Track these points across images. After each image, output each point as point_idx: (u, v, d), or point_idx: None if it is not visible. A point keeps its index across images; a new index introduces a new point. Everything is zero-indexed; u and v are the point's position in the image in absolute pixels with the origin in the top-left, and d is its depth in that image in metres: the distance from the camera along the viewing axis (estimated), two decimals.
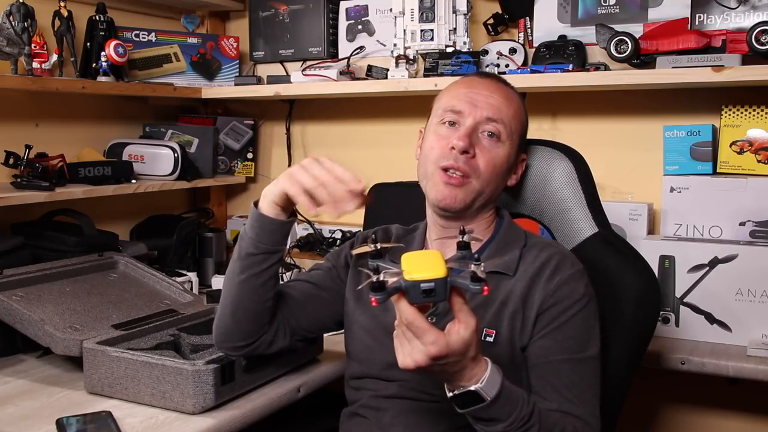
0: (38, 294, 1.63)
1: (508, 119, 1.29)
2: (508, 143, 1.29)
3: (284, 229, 1.25)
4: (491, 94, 1.30)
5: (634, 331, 1.35)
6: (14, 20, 1.82)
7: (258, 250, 1.25)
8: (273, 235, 1.24)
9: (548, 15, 2.04)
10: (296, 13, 2.38)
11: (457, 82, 1.36)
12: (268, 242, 1.25)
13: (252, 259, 1.25)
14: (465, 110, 1.28)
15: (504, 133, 1.28)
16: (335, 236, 2.34)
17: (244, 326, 1.30)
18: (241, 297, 1.28)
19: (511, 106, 1.31)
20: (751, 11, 1.81)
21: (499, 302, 1.23)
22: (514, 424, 1.03)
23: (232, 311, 1.29)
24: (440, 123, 1.30)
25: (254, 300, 1.28)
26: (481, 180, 1.26)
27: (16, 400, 1.42)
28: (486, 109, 1.28)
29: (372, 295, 0.93)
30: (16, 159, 1.87)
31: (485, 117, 1.27)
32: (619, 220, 1.85)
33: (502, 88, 1.34)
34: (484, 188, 1.27)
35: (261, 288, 1.27)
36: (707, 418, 1.99)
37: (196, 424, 1.30)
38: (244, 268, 1.26)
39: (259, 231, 1.24)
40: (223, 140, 2.48)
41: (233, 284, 1.28)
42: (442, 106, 1.32)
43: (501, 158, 1.28)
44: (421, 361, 0.96)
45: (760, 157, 1.78)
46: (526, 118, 1.37)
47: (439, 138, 1.29)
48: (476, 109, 1.28)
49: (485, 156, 1.27)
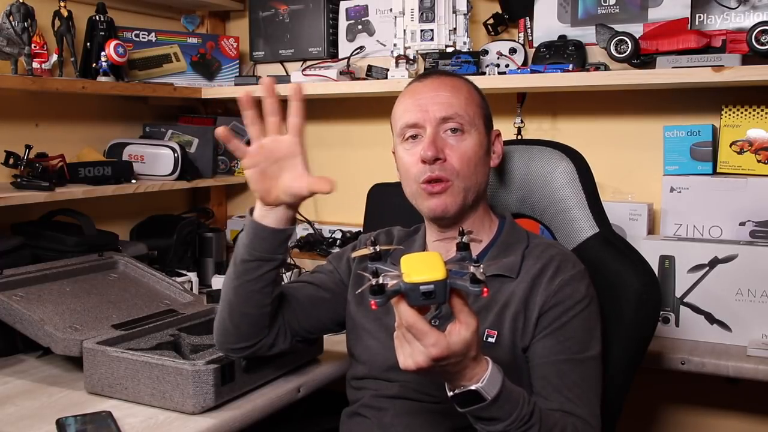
0: (38, 294, 1.63)
1: (462, 109, 1.27)
2: (473, 131, 1.27)
3: (277, 237, 1.23)
4: (436, 92, 1.28)
5: (634, 330, 1.35)
6: (14, 20, 1.82)
7: (251, 257, 1.23)
8: (265, 242, 1.22)
9: (548, 15, 2.04)
10: (296, 13, 2.38)
11: (402, 93, 1.34)
12: (261, 249, 1.23)
13: (246, 265, 1.24)
14: (419, 120, 1.27)
15: (465, 123, 1.26)
16: (335, 236, 2.34)
17: (242, 330, 1.30)
18: (238, 301, 1.27)
19: (460, 95, 1.29)
20: (751, 11, 1.81)
21: (501, 304, 1.23)
22: (515, 423, 1.03)
23: (229, 315, 1.29)
24: (404, 141, 1.30)
25: (251, 305, 1.27)
26: (461, 178, 1.26)
27: (16, 400, 1.42)
28: (437, 110, 1.26)
29: (371, 298, 0.93)
30: (16, 159, 1.87)
31: (440, 118, 1.26)
32: (619, 220, 1.85)
33: (445, 81, 1.31)
34: (468, 184, 1.27)
35: (257, 294, 1.26)
36: (707, 418, 1.99)
37: (196, 424, 1.30)
38: (240, 274, 1.25)
39: (253, 238, 1.23)
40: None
41: (230, 288, 1.27)
42: (398, 123, 1.31)
43: (472, 149, 1.27)
44: (423, 363, 0.96)
45: (760, 157, 1.78)
46: (482, 96, 1.34)
47: (408, 155, 1.28)
48: (428, 114, 1.26)
49: (456, 154, 1.26)
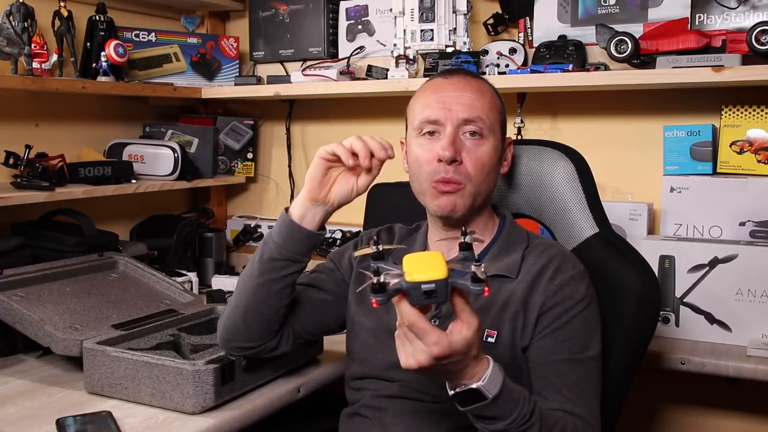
0: (38, 294, 1.63)
1: (485, 114, 1.26)
2: (491, 137, 1.26)
3: (311, 241, 1.24)
4: (462, 93, 1.26)
5: (634, 330, 1.35)
6: (14, 20, 1.82)
7: (282, 256, 1.24)
8: (299, 244, 1.23)
9: (548, 15, 2.04)
10: (296, 13, 2.38)
11: (424, 88, 1.32)
12: (293, 250, 1.24)
13: (273, 263, 1.24)
14: (440, 117, 1.25)
15: (485, 129, 1.25)
16: (335, 236, 2.34)
17: (253, 329, 1.30)
18: (255, 300, 1.27)
19: (484, 99, 1.27)
20: (751, 11, 1.81)
21: (500, 304, 1.23)
22: (516, 422, 1.03)
23: (243, 312, 1.29)
24: (420, 135, 1.28)
25: (268, 305, 1.27)
26: (474, 182, 1.25)
27: (16, 400, 1.42)
28: (461, 111, 1.25)
29: (373, 297, 0.93)
30: (16, 159, 1.87)
31: (462, 119, 1.25)
32: (619, 220, 1.85)
33: (471, 82, 1.29)
34: (479, 189, 1.26)
35: (277, 294, 1.26)
36: (707, 418, 1.99)
37: (196, 424, 1.30)
38: (264, 271, 1.25)
39: (286, 238, 1.23)
40: (223, 140, 2.48)
41: (249, 285, 1.27)
42: (417, 117, 1.29)
43: (488, 155, 1.26)
44: (424, 362, 0.96)
45: (760, 157, 1.78)
46: (501, 103, 1.32)
47: (423, 151, 1.27)
48: (451, 113, 1.25)
49: (472, 158, 1.25)
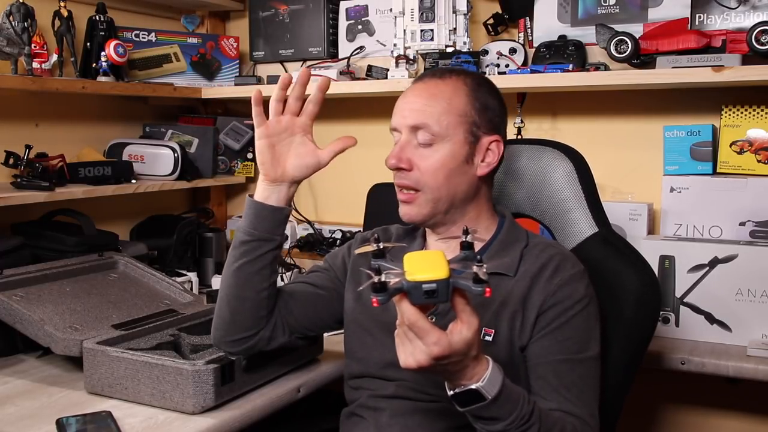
0: (38, 294, 1.63)
1: (435, 119, 1.22)
2: (446, 142, 1.23)
3: (277, 215, 1.28)
4: (416, 98, 1.25)
5: (634, 331, 1.35)
6: (14, 20, 1.82)
7: (251, 237, 1.27)
8: (265, 221, 1.27)
9: (548, 15, 2.04)
10: (296, 13, 2.38)
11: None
12: (261, 229, 1.27)
13: (245, 246, 1.28)
14: (397, 124, 1.27)
15: (437, 135, 1.22)
16: (335, 236, 2.34)
17: (238, 318, 1.31)
18: (236, 286, 1.29)
19: (437, 103, 1.23)
20: (751, 11, 1.81)
21: (498, 302, 1.23)
22: (515, 422, 1.03)
23: (227, 302, 1.31)
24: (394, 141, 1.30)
25: (248, 288, 1.29)
26: (430, 188, 1.24)
27: (16, 400, 1.42)
28: (409, 117, 1.24)
29: (373, 296, 0.93)
30: (16, 159, 1.87)
31: (409, 126, 1.24)
32: (619, 220, 1.85)
33: (429, 85, 1.26)
34: (438, 195, 1.24)
35: (255, 276, 1.28)
36: (707, 418, 1.99)
37: (196, 424, 1.30)
38: (238, 256, 1.29)
39: (253, 219, 1.28)
40: (223, 140, 2.48)
41: (227, 275, 1.31)
42: None
43: (440, 162, 1.23)
44: (424, 361, 0.96)
45: (760, 157, 1.78)
46: (475, 102, 1.25)
47: None
48: (404, 120, 1.25)
49: (422, 165, 1.23)
